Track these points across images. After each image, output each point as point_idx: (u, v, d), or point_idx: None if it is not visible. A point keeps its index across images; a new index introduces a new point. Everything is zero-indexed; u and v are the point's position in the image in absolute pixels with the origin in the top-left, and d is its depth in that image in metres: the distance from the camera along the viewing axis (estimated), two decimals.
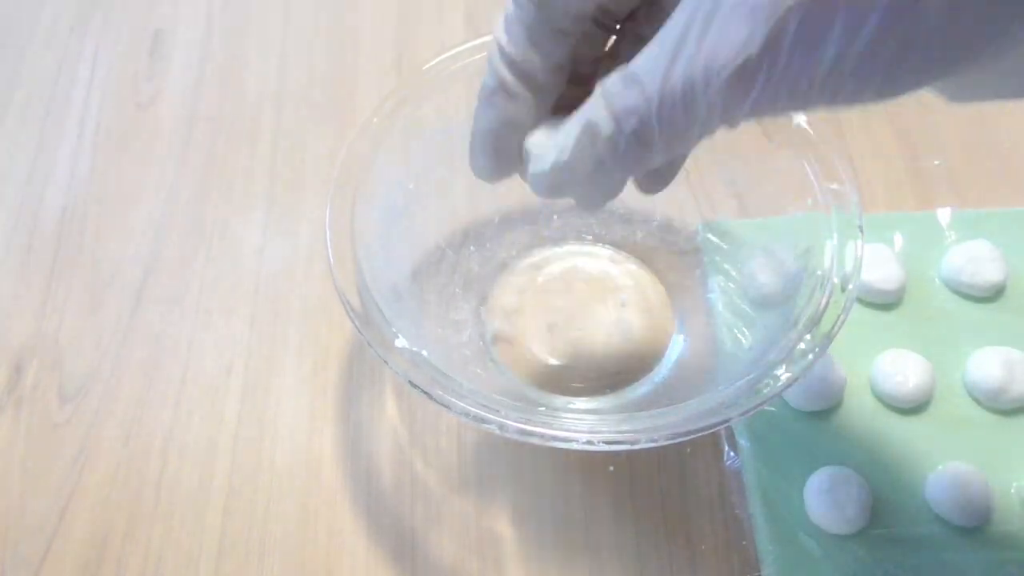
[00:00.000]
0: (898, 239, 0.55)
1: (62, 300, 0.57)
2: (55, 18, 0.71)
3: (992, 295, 0.52)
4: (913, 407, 0.49)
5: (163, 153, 0.63)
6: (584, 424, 0.40)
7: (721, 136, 0.29)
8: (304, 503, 0.49)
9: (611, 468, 0.50)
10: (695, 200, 0.56)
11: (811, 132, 0.45)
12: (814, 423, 0.49)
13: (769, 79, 0.27)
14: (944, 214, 0.55)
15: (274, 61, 0.67)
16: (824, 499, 0.46)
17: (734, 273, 0.52)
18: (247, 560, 0.48)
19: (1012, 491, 0.47)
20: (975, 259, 0.52)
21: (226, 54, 0.68)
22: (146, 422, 0.52)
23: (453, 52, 0.49)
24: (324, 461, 0.51)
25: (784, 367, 0.41)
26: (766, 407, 0.44)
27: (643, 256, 0.56)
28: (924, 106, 0.61)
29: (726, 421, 0.39)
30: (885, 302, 0.52)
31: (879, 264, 0.52)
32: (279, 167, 0.62)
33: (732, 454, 0.49)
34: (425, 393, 0.40)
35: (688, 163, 0.41)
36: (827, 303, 0.42)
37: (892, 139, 0.60)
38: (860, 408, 0.49)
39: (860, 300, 0.52)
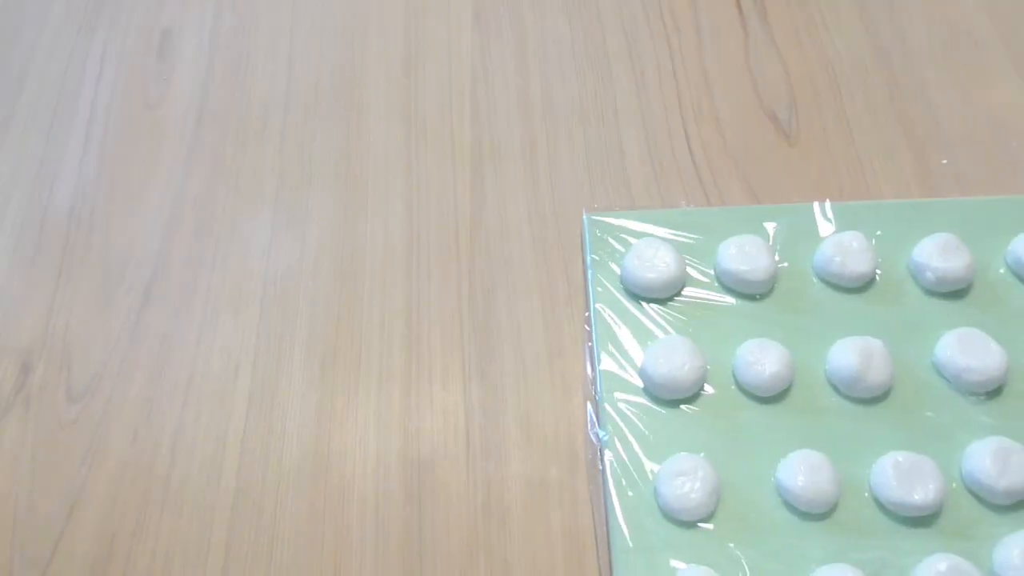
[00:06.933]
0: (773, 230, 0.55)
1: (70, 299, 0.57)
2: (63, 18, 0.71)
3: (861, 285, 0.53)
4: (772, 395, 0.50)
5: (171, 153, 0.63)
6: None
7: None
8: (312, 501, 0.49)
9: None
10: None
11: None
12: (673, 411, 0.50)
13: None
14: (824, 206, 0.56)
15: (282, 61, 0.67)
16: (672, 485, 0.47)
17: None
18: (255, 558, 0.48)
19: (860, 479, 0.47)
20: (845, 250, 0.53)
21: (234, 54, 0.68)
22: (154, 421, 0.52)
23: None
24: (332, 460, 0.51)
25: None
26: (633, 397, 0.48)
27: None
28: (932, 107, 0.61)
29: None
30: (753, 292, 0.53)
31: (750, 255, 0.53)
32: (286, 167, 0.62)
33: (599, 437, 0.50)
34: None
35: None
36: None
37: (900, 139, 0.60)
38: (720, 396, 0.51)
39: (730, 290, 0.53)
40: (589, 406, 0.51)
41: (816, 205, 0.56)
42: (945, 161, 0.59)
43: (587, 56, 0.66)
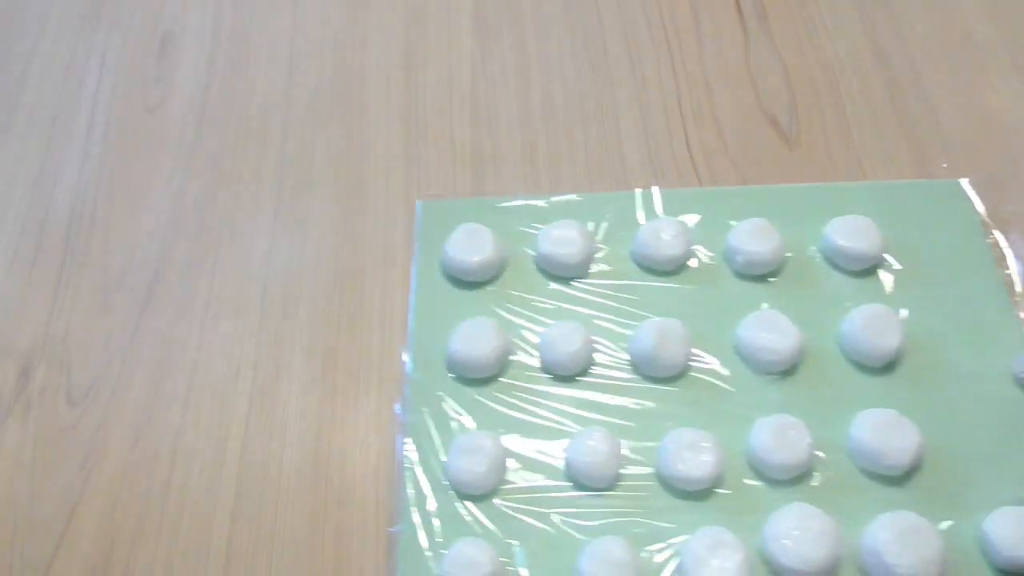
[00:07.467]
0: (600, 217, 0.57)
1: (70, 303, 0.57)
2: (63, 20, 0.71)
3: (674, 269, 0.55)
4: (572, 374, 0.52)
5: (171, 155, 0.63)
6: None
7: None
8: (312, 504, 0.49)
9: None
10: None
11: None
12: (477, 390, 0.52)
13: None
14: (651, 194, 0.58)
15: (282, 63, 0.67)
16: (460, 461, 0.48)
17: None
18: (255, 562, 0.48)
19: (649, 455, 0.49)
20: (659, 235, 0.55)
21: (234, 56, 0.68)
22: (154, 425, 0.52)
23: None
24: (332, 463, 0.51)
25: None
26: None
27: None
28: (933, 110, 0.61)
29: None
30: (569, 275, 0.55)
31: (566, 240, 0.55)
32: (287, 169, 0.62)
33: (402, 412, 0.51)
34: None
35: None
36: None
37: (901, 141, 0.60)
38: (523, 376, 0.52)
39: (547, 273, 0.55)
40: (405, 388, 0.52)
41: (639, 192, 0.58)
42: (945, 165, 0.59)
43: (587, 58, 0.66)
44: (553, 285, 0.55)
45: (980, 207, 0.56)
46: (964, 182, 0.57)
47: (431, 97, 0.65)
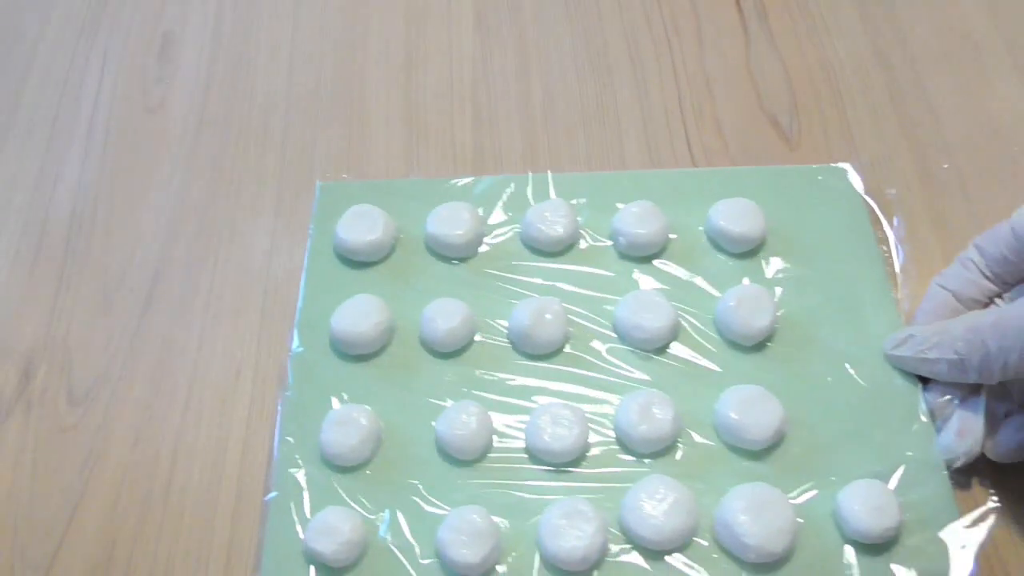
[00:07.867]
0: (492, 199, 0.58)
1: (71, 303, 0.57)
2: (64, 21, 0.71)
3: (561, 250, 0.56)
4: (451, 350, 0.53)
5: (172, 156, 0.63)
6: None
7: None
8: None
9: None
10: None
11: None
12: (356, 366, 0.53)
13: None
14: (544, 177, 0.59)
15: (283, 64, 0.67)
16: (331, 433, 0.49)
17: None
18: (256, 562, 0.48)
19: (516, 429, 0.50)
20: (544, 216, 0.56)
21: (235, 57, 0.68)
22: (155, 425, 0.52)
23: None
24: None
25: None
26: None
27: None
28: (933, 110, 0.61)
29: None
30: (456, 255, 0.56)
31: (454, 220, 0.56)
32: (287, 169, 0.62)
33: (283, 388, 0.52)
34: None
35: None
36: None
37: (902, 142, 0.60)
38: (404, 353, 0.53)
39: (436, 254, 0.56)
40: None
41: (531, 176, 0.59)
42: (946, 166, 0.59)
43: (588, 59, 0.66)
44: (442, 265, 0.56)
45: (862, 190, 0.57)
46: (848, 166, 0.58)
47: (431, 97, 0.65)
